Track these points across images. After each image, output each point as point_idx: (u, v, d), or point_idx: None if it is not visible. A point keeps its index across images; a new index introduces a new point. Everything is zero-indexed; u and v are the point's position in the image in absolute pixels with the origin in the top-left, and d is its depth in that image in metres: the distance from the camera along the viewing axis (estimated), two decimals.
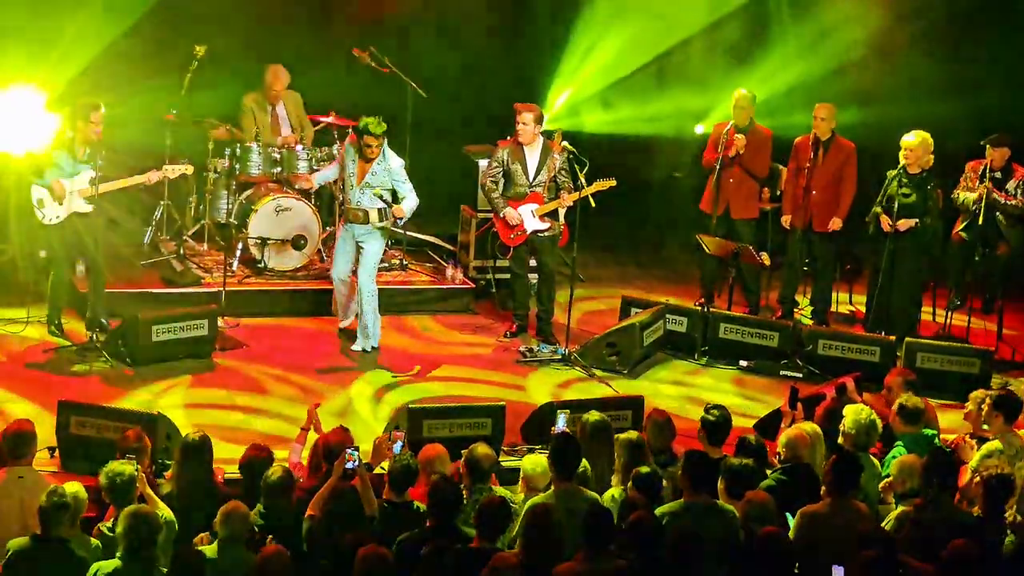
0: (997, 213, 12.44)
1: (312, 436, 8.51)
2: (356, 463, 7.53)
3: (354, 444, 7.96)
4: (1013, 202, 12.38)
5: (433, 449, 8.02)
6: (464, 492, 7.65)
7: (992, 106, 13.91)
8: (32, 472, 7.64)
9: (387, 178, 11.27)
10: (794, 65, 14.82)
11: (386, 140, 11.30)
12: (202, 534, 7.27)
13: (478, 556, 6.75)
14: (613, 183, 11.67)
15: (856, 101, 14.03)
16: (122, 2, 13.32)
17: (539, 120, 11.78)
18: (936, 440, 8.83)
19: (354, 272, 11.51)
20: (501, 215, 11.85)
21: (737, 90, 12.82)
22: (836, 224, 12.37)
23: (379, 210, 11.32)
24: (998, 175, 12.37)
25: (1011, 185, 12.44)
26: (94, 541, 7.14)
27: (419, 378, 11.11)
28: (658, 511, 7.31)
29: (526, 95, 12.87)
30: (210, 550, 6.96)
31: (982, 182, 12.30)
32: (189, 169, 11.66)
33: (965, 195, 12.46)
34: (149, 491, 7.42)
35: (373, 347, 11.51)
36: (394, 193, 11.35)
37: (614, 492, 7.73)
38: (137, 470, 7.37)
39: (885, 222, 11.97)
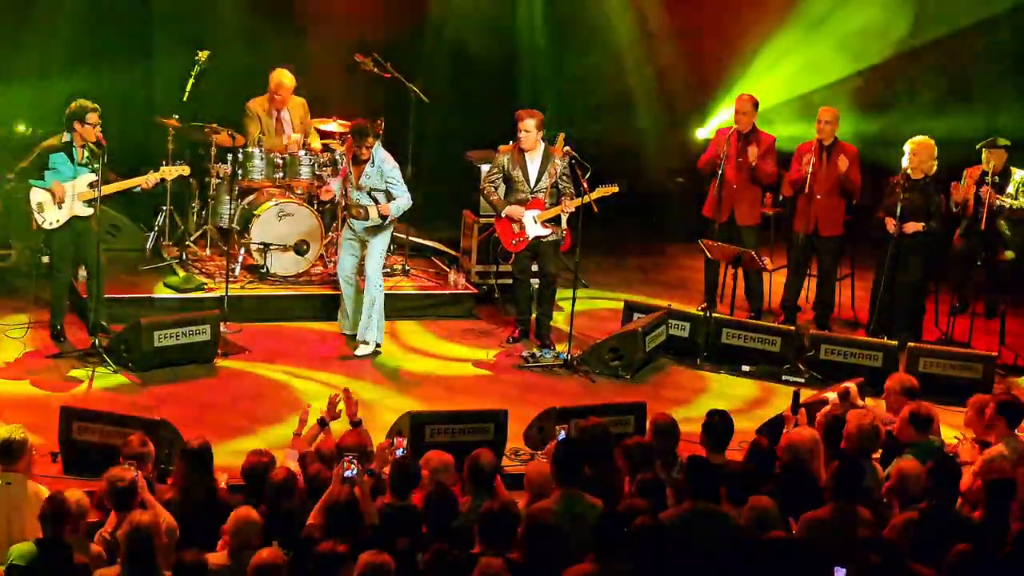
0: (999, 219, 12.46)
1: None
2: (355, 471, 7.51)
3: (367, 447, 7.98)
4: (1017, 204, 12.39)
5: (438, 459, 7.95)
6: (467, 498, 7.64)
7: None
8: (21, 479, 7.53)
9: (380, 179, 11.36)
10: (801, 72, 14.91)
11: (379, 143, 11.47)
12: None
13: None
14: (616, 189, 11.67)
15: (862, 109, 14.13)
16: (124, 8, 13.40)
17: (541, 126, 11.77)
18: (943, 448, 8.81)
19: (360, 272, 11.62)
20: (503, 215, 11.85)
21: (739, 95, 12.82)
22: (844, 164, 12.24)
23: (378, 207, 11.42)
24: (997, 179, 12.38)
25: (1012, 188, 12.45)
26: (95, 547, 7.13)
27: (421, 383, 11.12)
28: (661, 516, 7.29)
29: (527, 100, 12.91)
30: (221, 557, 6.94)
31: (980, 188, 12.33)
32: (186, 170, 11.66)
33: (956, 198, 12.48)
34: (150, 496, 7.40)
35: (377, 343, 11.54)
36: (389, 195, 11.42)
37: None
38: (138, 475, 7.36)
39: (890, 223, 11.97)
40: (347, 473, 7.45)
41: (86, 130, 10.80)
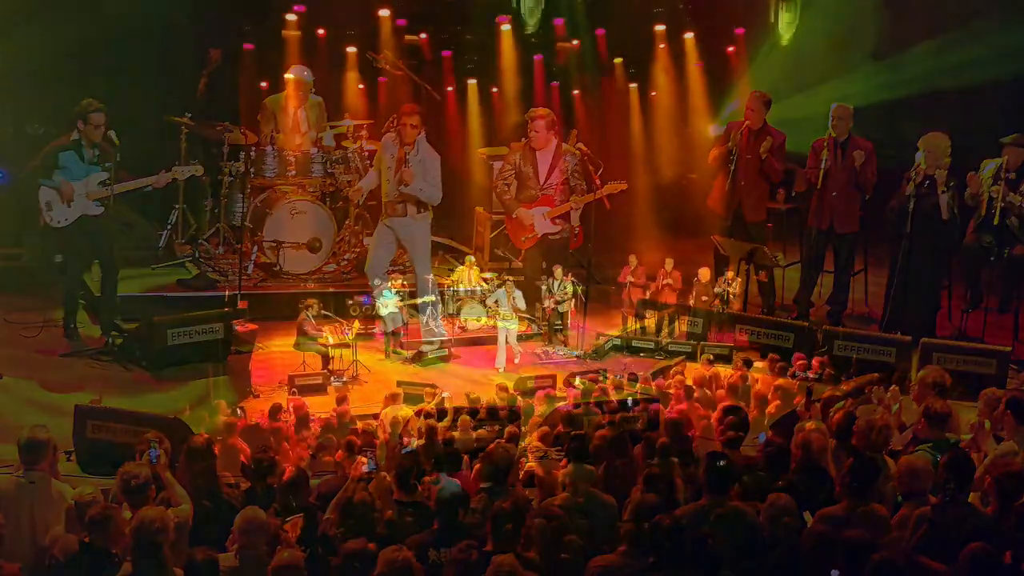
0: (1011, 217, 12.43)
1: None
2: (373, 466, 7.54)
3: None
4: None
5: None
6: (482, 495, 7.66)
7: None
8: (45, 478, 7.57)
9: (422, 171, 11.36)
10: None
11: (423, 134, 11.38)
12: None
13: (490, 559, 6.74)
14: (624, 186, 11.68)
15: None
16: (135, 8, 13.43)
17: (551, 125, 11.78)
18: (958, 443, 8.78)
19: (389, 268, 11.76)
20: (514, 216, 11.87)
21: (751, 91, 12.80)
22: (860, 157, 12.23)
23: (417, 203, 11.43)
24: (1012, 175, 12.34)
25: None
26: None
27: (436, 379, 11.14)
28: (679, 512, 7.30)
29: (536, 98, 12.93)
30: (228, 558, 6.94)
31: (995, 183, 12.29)
32: (199, 170, 11.71)
33: (971, 191, 12.48)
34: (168, 475, 7.41)
35: (441, 340, 11.65)
36: None
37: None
38: (160, 452, 7.36)
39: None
40: (364, 468, 7.48)
41: (89, 130, 10.84)
